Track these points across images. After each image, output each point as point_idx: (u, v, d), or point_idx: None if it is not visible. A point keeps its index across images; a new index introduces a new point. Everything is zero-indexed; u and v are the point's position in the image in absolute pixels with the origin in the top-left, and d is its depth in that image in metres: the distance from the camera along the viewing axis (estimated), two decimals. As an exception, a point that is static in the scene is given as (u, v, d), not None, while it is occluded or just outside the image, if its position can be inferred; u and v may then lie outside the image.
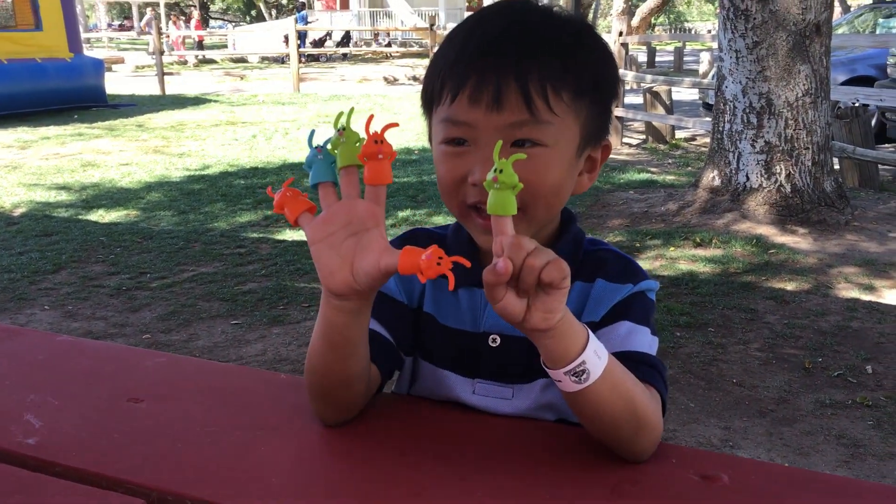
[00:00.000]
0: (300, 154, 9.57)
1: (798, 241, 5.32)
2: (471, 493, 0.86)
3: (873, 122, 8.08)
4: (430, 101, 1.04)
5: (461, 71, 0.97)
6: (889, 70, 8.25)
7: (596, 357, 0.87)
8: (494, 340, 1.06)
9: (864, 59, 9.38)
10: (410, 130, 11.17)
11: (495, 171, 0.80)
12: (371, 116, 0.87)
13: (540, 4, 1.02)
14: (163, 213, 6.78)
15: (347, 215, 0.87)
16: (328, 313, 0.92)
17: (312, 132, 0.90)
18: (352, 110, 0.87)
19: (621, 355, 0.96)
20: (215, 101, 15.81)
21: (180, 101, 15.72)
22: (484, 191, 0.83)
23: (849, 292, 4.48)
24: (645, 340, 1.01)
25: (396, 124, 0.90)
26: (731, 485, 0.85)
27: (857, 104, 7.24)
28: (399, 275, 0.86)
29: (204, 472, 0.91)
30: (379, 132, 0.84)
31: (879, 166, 7.21)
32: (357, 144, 0.86)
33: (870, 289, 4.52)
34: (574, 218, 1.10)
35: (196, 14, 33.40)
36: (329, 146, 0.88)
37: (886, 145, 8.99)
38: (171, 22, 30.50)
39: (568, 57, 0.98)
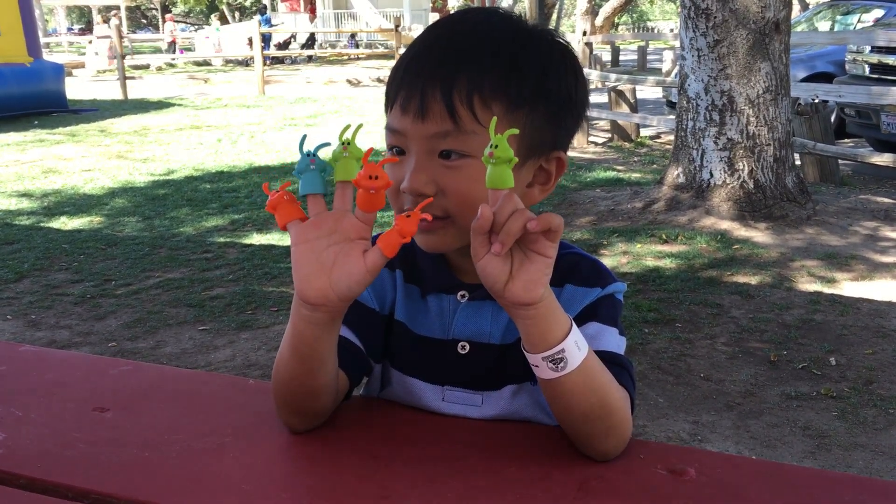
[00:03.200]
0: (267, 157, 9.52)
1: (761, 235, 5.39)
2: (441, 494, 0.87)
3: (833, 118, 8.22)
4: (386, 107, 1.06)
5: (399, 79, 0.99)
6: (847, 66, 8.39)
7: (576, 348, 0.87)
8: (463, 347, 1.05)
9: (823, 55, 9.54)
10: (377, 132, 11.15)
11: (491, 146, 0.81)
12: (370, 149, 0.88)
13: (503, 12, 1.03)
14: (127, 219, 6.70)
15: (334, 224, 0.87)
16: (298, 324, 0.91)
17: (304, 138, 0.89)
18: (360, 126, 0.87)
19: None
20: (179, 105, 15.65)
21: (143, 106, 15.54)
22: (414, 200, 0.90)
23: (811, 285, 4.56)
24: (613, 340, 1.02)
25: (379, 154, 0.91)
26: (698, 478, 0.87)
27: (816, 100, 7.36)
28: (372, 283, 0.87)
29: (172, 480, 0.90)
30: (376, 165, 0.84)
31: (839, 161, 7.34)
32: (358, 161, 0.86)
33: (831, 282, 4.60)
34: None
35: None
36: (330, 157, 0.87)
37: (846, 140, 9.15)
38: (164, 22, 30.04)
39: (507, 65, 0.96)
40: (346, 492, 0.88)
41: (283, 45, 28.38)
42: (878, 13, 9.97)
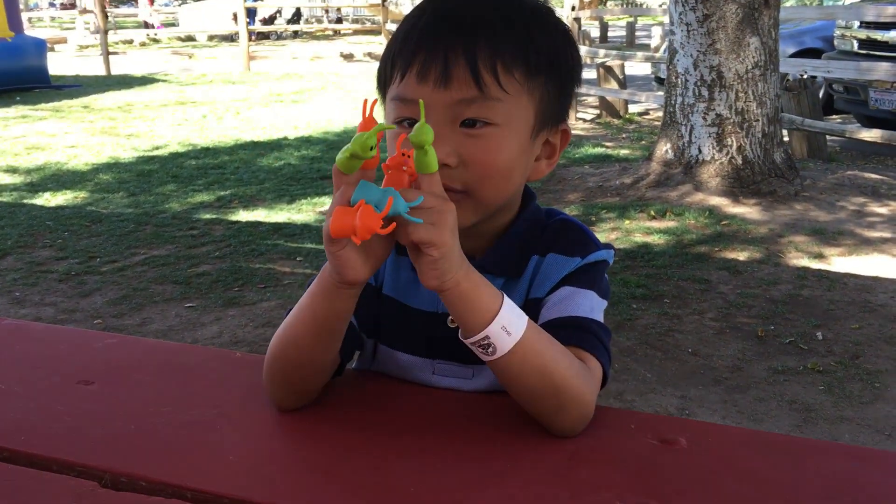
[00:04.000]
0: (253, 133, 9.44)
1: (749, 211, 5.40)
2: (431, 464, 0.86)
3: (821, 93, 8.22)
4: (383, 83, 1.03)
5: (411, 48, 0.95)
6: (836, 42, 8.37)
7: (504, 333, 0.87)
8: (452, 321, 1.03)
9: (811, 31, 9.52)
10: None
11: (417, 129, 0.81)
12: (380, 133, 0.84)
13: None
14: (112, 195, 6.64)
15: None
16: (335, 303, 0.91)
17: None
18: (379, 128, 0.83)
19: (557, 322, 0.96)
20: (163, 81, 15.48)
21: (127, 82, 15.36)
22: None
23: (799, 261, 4.57)
24: (585, 303, 1.00)
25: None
26: (688, 447, 0.86)
27: (805, 76, 7.35)
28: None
29: (158, 452, 0.89)
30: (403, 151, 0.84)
31: (827, 137, 7.35)
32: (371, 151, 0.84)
33: (819, 257, 4.61)
34: (533, 196, 1.09)
35: None
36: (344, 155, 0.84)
37: (834, 116, 9.16)
38: None
39: (523, 34, 0.96)
40: (338, 464, 0.87)
41: (269, 21, 28.08)
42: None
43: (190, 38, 27.17)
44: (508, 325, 0.87)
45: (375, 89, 1.06)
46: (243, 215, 5.86)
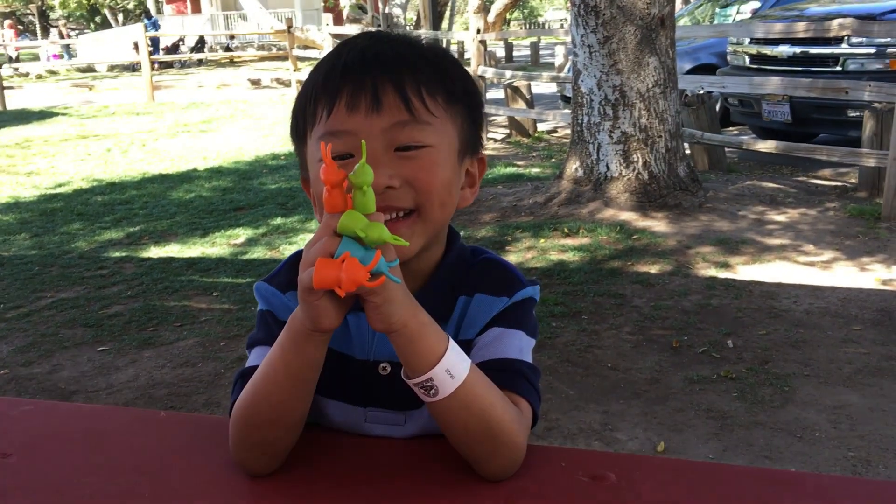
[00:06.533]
0: (161, 166, 9.23)
1: (658, 225, 5.58)
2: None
3: (717, 107, 8.57)
4: (303, 128, 1.03)
5: (335, 83, 0.97)
6: (729, 58, 8.75)
7: (447, 376, 0.89)
8: (385, 369, 1.04)
9: (705, 48, 9.93)
10: (275, 135, 10.99)
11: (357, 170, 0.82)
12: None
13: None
14: (14, 237, 6.38)
15: None
16: (308, 351, 0.91)
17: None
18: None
19: (486, 364, 0.98)
20: (63, 115, 14.98)
21: (24, 116, 14.80)
22: (383, 196, 0.89)
23: (707, 271, 4.74)
24: (514, 344, 1.03)
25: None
26: (618, 482, 0.89)
27: (702, 92, 7.66)
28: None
29: (86, 526, 0.87)
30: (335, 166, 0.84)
31: (726, 149, 7.66)
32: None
33: (725, 266, 4.80)
34: (457, 237, 1.11)
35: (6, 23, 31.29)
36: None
37: (731, 128, 9.56)
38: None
39: (439, 67, 1.02)
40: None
41: (172, 49, 27.54)
42: (754, 5, 10.45)
43: (90, 69, 26.39)
44: (452, 368, 0.89)
45: (292, 144, 1.06)
46: (155, 251, 5.71)
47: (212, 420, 1.07)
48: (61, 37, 28.87)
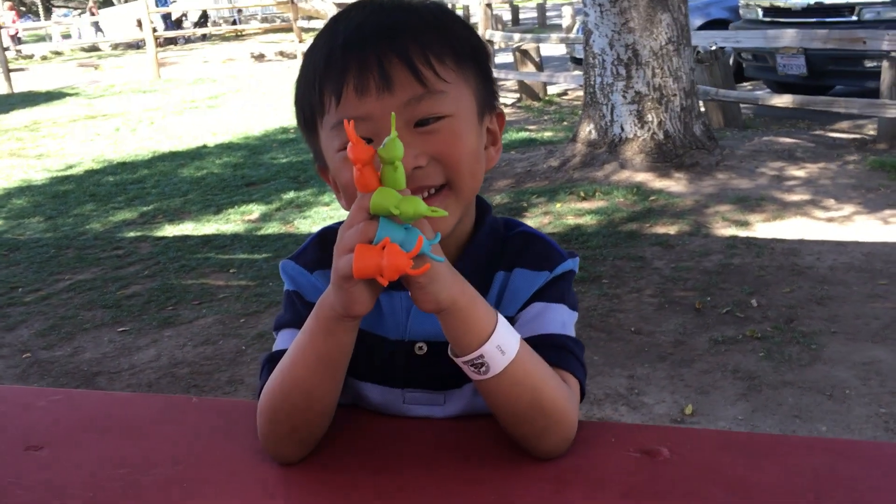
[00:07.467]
0: (170, 143, 9.19)
1: (675, 185, 5.51)
2: (413, 501, 0.83)
3: (730, 62, 8.42)
4: (311, 119, 0.99)
5: (337, 69, 0.92)
6: (741, 11, 8.58)
7: (499, 352, 0.86)
8: (421, 348, 1.01)
9: (716, 2, 9.74)
10: (284, 109, 10.91)
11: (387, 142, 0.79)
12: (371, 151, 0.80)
13: None
14: (28, 220, 6.38)
15: None
16: (338, 336, 0.89)
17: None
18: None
19: (531, 341, 0.95)
20: (70, 95, 14.95)
21: (31, 98, 14.78)
22: (412, 176, 0.85)
23: (727, 230, 4.68)
24: (558, 319, 0.99)
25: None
26: (671, 457, 0.86)
27: (714, 48, 7.52)
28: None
29: (124, 519, 0.84)
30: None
31: (741, 105, 7.54)
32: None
33: (745, 224, 4.73)
34: (489, 208, 1.07)
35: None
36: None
37: (745, 84, 9.41)
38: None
39: (441, 28, 0.96)
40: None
41: (176, 24, 27.35)
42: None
43: (94, 49, 26.29)
44: (503, 345, 0.86)
45: (302, 135, 1.02)
46: (169, 230, 5.70)
47: (245, 405, 1.04)
48: (91, 14, 28.67)
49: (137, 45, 24.46)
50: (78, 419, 1.06)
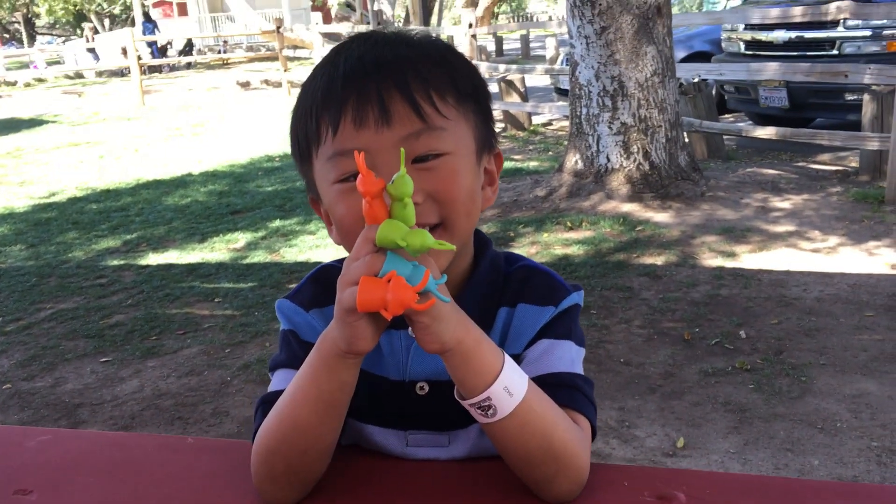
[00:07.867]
0: (154, 171, 9.14)
1: (661, 215, 5.52)
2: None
3: (713, 94, 8.51)
4: (306, 148, 0.96)
5: (337, 97, 0.90)
6: (724, 45, 8.70)
7: (506, 393, 0.84)
8: (422, 388, 0.98)
9: (699, 35, 9.88)
10: (269, 137, 10.90)
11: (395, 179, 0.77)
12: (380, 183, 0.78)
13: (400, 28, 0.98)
14: (9, 248, 6.29)
15: None
16: (340, 374, 0.86)
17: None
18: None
19: (540, 380, 0.92)
20: (54, 122, 14.87)
21: (14, 125, 14.68)
22: None
23: (713, 261, 4.69)
24: (566, 356, 0.97)
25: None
26: (688, 502, 0.83)
27: (697, 80, 7.60)
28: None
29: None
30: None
31: (724, 137, 7.61)
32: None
33: (732, 255, 4.75)
34: (489, 243, 1.05)
35: None
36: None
37: (727, 116, 9.51)
38: None
39: (444, 64, 0.95)
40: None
41: (161, 52, 27.37)
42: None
43: (78, 76, 26.24)
44: (511, 386, 0.84)
45: (296, 166, 1.00)
46: (153, 258, 5.64)
47: (240, 445, 1.01)
48: (87, 41, 28.63)
49: (122, 73, 24.45)
50: (68, 461, 1.02)
